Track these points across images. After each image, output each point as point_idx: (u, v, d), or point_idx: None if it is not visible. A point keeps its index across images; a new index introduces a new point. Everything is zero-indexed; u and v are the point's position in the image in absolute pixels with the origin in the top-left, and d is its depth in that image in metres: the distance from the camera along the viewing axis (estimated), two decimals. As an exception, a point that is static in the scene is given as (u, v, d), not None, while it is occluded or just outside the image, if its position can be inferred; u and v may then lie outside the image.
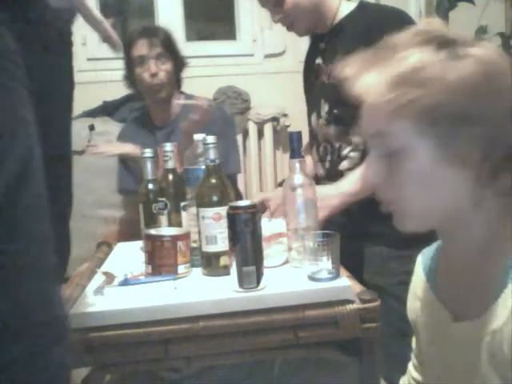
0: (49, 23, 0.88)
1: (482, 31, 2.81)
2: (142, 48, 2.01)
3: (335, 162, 1.48)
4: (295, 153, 1.19)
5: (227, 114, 2.26)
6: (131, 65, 2.04)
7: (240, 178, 2.94)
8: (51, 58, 0.88)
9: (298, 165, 1.19)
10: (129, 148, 2.01)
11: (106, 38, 1.02)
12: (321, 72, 1.53)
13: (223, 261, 1.15)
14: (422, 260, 0.88)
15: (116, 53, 1.10)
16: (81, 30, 2.91)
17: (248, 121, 2.90)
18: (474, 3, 2.64)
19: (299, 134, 1.19)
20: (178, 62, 2.10)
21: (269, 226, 1.26)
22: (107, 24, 1.04)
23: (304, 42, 1.76)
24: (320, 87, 1.53)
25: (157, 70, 2.00)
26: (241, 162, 2.26)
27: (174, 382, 1.58)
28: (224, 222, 1.09)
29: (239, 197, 2.08)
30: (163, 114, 2.12)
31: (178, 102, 2.09)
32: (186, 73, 2.15)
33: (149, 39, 2.01)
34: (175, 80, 2.10)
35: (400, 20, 1.36)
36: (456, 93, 0.65)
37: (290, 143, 1.19)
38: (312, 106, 1.59)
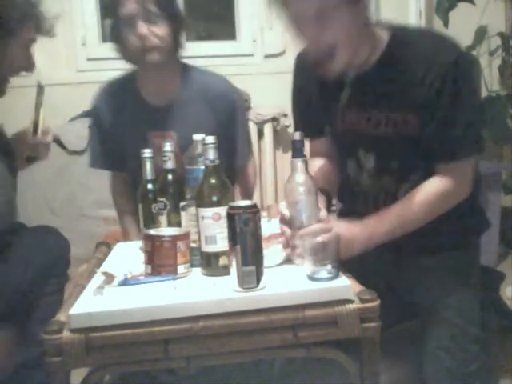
0: None
1: (481, 31, 2.81)
2: (130, 5, 1.64)
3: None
4: (297, 152, 1.19)
5: (238, 97, 1.87)
6: (119, 25, 1.68)
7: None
8: None
9: (300, 164, 1.19)
10: None
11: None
12: (358, 118, 1.34)
13: (223, 261, 1.15)
14: None
15: None
16: (81, 31, 2.93)
17: (248, 121, 2.90)
18: (474, 3, 2.64)
19: (301, 134, 1.19)
20: (176, 24, 1.72)
21: (269, 226, 1.26)
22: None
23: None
24: (355, 135, 1.36)
25: (147, 32, 1.62)
26: (251, 153, 1.95)
27: None
28: (223, 222, 1.09)
29: (248, 192, 1.90)
30: (156, 87, 1.75)
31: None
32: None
33: None
34: (173, 46, 1.72)
35: (459, 57, 1.25)
36: None
37: (293, 143, 1.19)
38: (341, 150, 1.45)
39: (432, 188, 1.30)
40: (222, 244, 1.14)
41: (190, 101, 1.73)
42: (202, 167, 1.21)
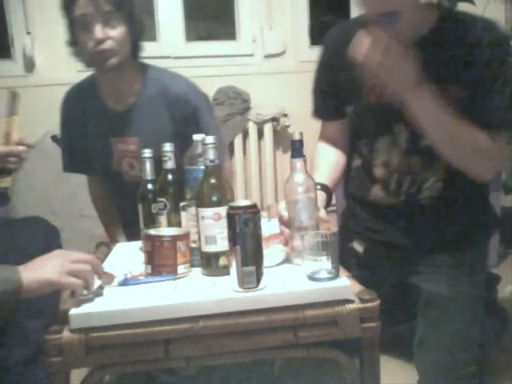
0: None
1: (481, 31, 2.81)
2: (84, 5, 1.55)
3: (413, 194, 1.42)
4: (297, 152, 1.19)
5: (201, 97, 1.77)
6: (74, 27, 1.62)
7: (239, 177, 2.95)
8: None
9: (299, 164, 1.19)
10: None
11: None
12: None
13: (223, 261, 1.15)
14: None
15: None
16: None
17: (248, 121, 2.90)
18: (474, 3, 2.64)
19: (301, 133, 1.19)
20: (134, 25, 1.64)
21: (269, 226, 1.26)
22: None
23: (304, 42, 1.71)
24: (391, 109, 1.34)
25: (104, 36, 1.56)
26: (224, 156, 1.79)
27: None
28: (223, 222, 1.09)
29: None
30: (116, 91, 1.71)
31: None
32: (185, 73, 1.82)
33: None
34: (131, 48, 1.65)
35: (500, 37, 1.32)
36: None
37: (292, 143, 1.19)
38: (376, 127, 1.44)
39: (482, 133, 1.30)
40: (222, 244, 1.14)
41: (150, 104, 1.70)
42: (202, 167, 1.21)
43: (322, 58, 1.53)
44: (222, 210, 1.11)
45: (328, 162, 1.53)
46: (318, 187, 1.34)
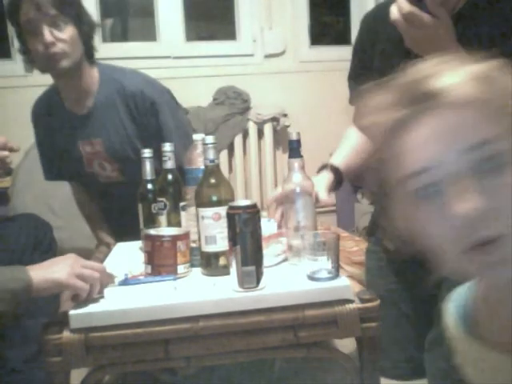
0: None
1: (481, 31, 2.80)
2: (29, 11, 1.54)
3: None
4: (294, 152, 1.19)
5: (158, 91, 1.75)
6: (22, 34, 1.61)
7: (239, 177, 2.95)
8: None
9: (296, 164, 1.19)
10: None
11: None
12: None
13: (223, 261, 1.15)
14: (456, 310, 0.74)
15: None
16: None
17: (248, 121, 2.90)
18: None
19: (298, 133, 1.20)
20: (84, 26, 1.63)
21: (269, 226, 1.26)
22: None
23: (304, 42, 1.70)
24: None
25: (52, 39, 1.54)
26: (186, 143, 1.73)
27: None
28: (223, 222, 1.09)
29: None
30: (75, 94, 1.71)
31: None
32: (185, 73, 1.84)
33: None
34: (84, 49, 1.65)
35: None
36: None
37: (290, 143, 1.19)
38: None
39: None
40: (221, 244, 1.14)
41: (108, 104, 1.71)
42: (202, 167, 1.21)
43: (357, 38, 1.47)
44: (222, 210, 1.11)
45: (349, 146, 1.47)
46: (327, 169, 1.31)
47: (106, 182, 1.79)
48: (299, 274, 1.11)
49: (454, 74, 0.57)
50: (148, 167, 1.40)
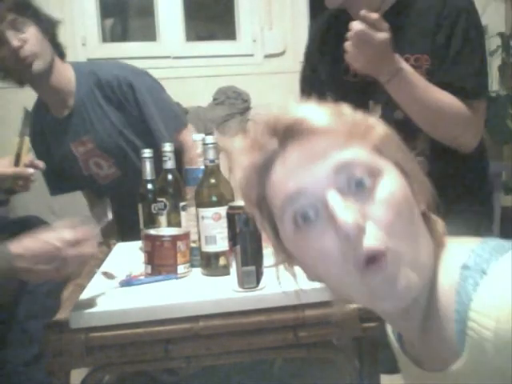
0: None
1: (481, 31, 2.80)
2: None
3: None
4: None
5: (133, 74, 1.73)
6: None
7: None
8: None
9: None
10: None
11: None
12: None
13: (223, 261, 1.15)
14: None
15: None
16: (81, 31, 2.93)
17: (248, 121, 2.90)
18: (473, 3, 2.63)
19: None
20: (44, 23, 1.61)
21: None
22: None
23: (304, 42, 1.70)
24: (362, 87, 1.36)
25: (19, 42, 1.52)
26: (182, 123, 1.80)
27: None
28: (223, 222, 1.09)
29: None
30: (55, 96, 1.69)
31: None
32: (185, 73, 1.82)
33: None
34: (52, 47, 1.63)
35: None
36: None
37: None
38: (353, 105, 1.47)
39: (458, 102, 1.29)
40: (221, 244, 1.14)
41: (89, 98, 1.70)
42: (202, 167, 1.20)
43: (307, 46, 1.59)
44: (222, 210, 1.11)
45: None
46: None
47: (106, 184, 1.79)
48: (299, 274, 1.11)
49: (309, 107, 0.61)
50: (148, 167, 1.40)
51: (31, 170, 1.47)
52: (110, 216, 1.82)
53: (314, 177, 0.57)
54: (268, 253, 1.17)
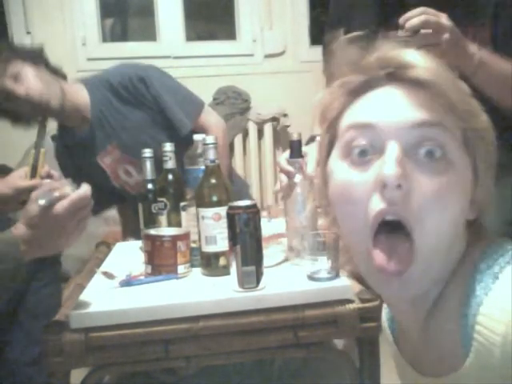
0: None
1: (481, 31, 2.80)
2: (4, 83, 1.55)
3: None
4: (295, 152, 1.19)
5: (142, 69, 1.73)
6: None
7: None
8: None
9: (297, 164, 1.19)
10: None
11: None
12: None
13: (223, 261, 1.15)
14: (386, 320, 0.79)
15: None
16: (81, 31, 2.93)
17: (248, 121, 2.90)
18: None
19: (299, 134, 1.20)
20: (29, 55, 1.62)
21: (269, 226, 1.26)
22: None
23: (304, 42, 1.69)
24: None
25: (24, 90, 1.55)
26: (197, 112, 1.77)
27: None
28: (223, 222, 1.09)
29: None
30: (75, 115, 1.70)
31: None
32: (185, 73, 1.82)
33: None
34: (51, 73, 1.65)
35: None
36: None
37: (291, 143, 1.19)
38: None
39: None
40: (222, 244, 1.14)
41: (106, 105, 1.71)
42: (202, 167, 1.21)
43: None
44: (222, 210, 1.11)
45: None
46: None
47: (136, 195, 1.77)
48: (299, 274, 1.11)
49: (428, 60, 0.60)
50: (148, 167, 1.40)
51: (47, 181, 1.47)
52: None
53: (393, 122, 0.57)
54: (268, 253, 1.18)
